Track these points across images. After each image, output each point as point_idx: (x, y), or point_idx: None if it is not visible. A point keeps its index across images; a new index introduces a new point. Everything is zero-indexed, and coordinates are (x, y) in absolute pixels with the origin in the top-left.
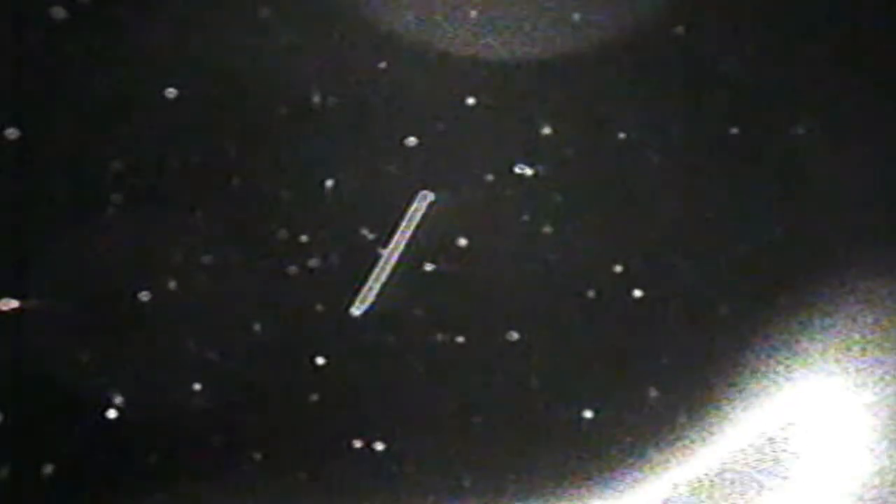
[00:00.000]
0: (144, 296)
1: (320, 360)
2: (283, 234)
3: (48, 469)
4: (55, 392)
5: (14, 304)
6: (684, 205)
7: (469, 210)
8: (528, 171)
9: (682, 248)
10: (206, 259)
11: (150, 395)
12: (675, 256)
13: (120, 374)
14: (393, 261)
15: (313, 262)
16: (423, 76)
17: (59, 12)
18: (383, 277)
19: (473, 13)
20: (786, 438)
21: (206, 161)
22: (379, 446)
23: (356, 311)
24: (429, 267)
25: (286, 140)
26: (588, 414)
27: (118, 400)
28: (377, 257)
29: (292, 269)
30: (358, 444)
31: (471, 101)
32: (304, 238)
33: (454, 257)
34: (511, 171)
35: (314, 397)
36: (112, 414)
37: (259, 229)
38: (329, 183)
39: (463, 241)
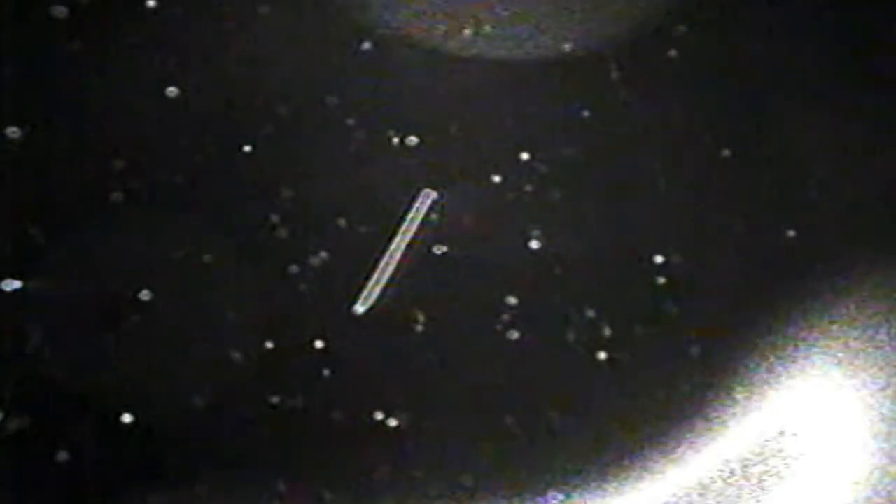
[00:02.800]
0: (145, 294)
1: (319, 344)
2: (283, 232)
3: (48, 468)
4: (55, 390)
5: (17, 284)
6: (684, 204)
7: (470, 208)
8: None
9: (681, 248)
10: (207, 258)
11: (152, 392)
12: (674, 257)
13: (121, 371)
14: (396, 259)
15: (314, 261)
16: (424, 75)
17: (60, 12)
18: (387, 275)
19: (475, 13)
20: (786, 437)
21: (207, 160)
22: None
23: (360, 308)
24: (431, 264)
25: (287, 139)
26: (587, 413)
27: (120, 398)
28: (380, 255)
29: (293, 268)
30: (376, 418)
31: (471, 100)
32: (304, 237)
33: (457, 252)
34: (512, 170)
35: (317, 388)
36: (114, 412)
37: (260, 228)
38: (329, 181)
39: (465, 238)
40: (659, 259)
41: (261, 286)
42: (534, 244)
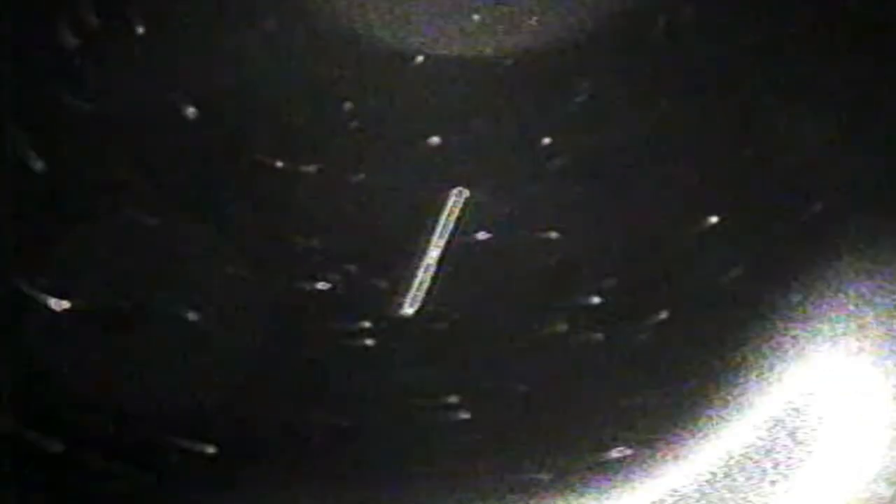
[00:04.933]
0: (162, 304)
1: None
2: (315, 242)
3: (49, 469)
4: (56, 391)
5: (66, 304)
6: (693, 194)
7: (493, 207)
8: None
9: (687, 238)
10: (230, 269)
11: (164, 401)
12: (683, 246)
13: (129, 376)
14: (436, 258)
15: (349, 267)
16: (442, 76)
17: (68, 38)
18: (430, 275)
19: (481, 12)
20: (798, 423)
21: (223, 170)
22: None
23: (408, 310)
24: (466, 260)
25: (306, 148)
26: (595, 405)
27: (136, 406)
28: (421, 256)
29: (322, 276)
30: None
31: (490, 100)
32: (334, 244)
33: (480, 252)
34: (536, 162)
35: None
36: (117, 413)
37: (284, 235)
38: (352, 185)
39: (484, 237)
40: (669, 245)
41: (288, 294)
42: (558, 236)
